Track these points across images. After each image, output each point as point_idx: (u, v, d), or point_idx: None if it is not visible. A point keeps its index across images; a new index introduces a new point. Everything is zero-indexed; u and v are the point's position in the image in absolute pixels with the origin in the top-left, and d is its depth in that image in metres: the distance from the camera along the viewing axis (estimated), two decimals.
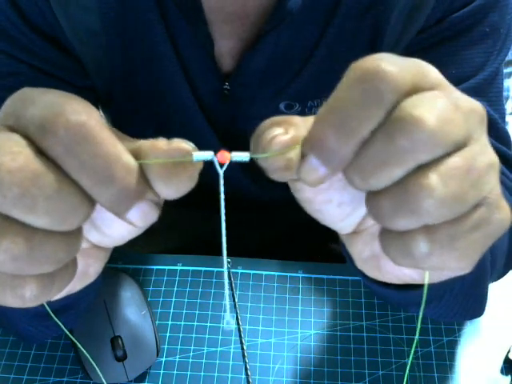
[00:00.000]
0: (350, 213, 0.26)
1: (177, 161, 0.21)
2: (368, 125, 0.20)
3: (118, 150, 0.21)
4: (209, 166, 0.22)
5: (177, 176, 0.21)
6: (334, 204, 0.26)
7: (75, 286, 0.28)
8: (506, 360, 0.46)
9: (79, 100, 0.21)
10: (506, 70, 1.24)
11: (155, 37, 0.44)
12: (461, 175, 0.20)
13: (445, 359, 0.46)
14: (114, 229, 0.25)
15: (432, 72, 0.21)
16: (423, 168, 0.20)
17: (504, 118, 0.47)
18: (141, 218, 0.21)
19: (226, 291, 0.23)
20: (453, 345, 0.47)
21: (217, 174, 0.23)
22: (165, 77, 0.46)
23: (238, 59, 0.45)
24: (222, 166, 0.22)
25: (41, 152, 0.20)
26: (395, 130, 0.19)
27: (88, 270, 0.28)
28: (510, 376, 0.45)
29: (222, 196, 0.23)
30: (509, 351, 0.46)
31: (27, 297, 0.21)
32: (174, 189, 0.21)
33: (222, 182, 0.22)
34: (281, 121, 0.22)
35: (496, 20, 0.42)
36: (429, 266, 0.21)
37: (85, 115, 0.20)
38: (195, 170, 0.21)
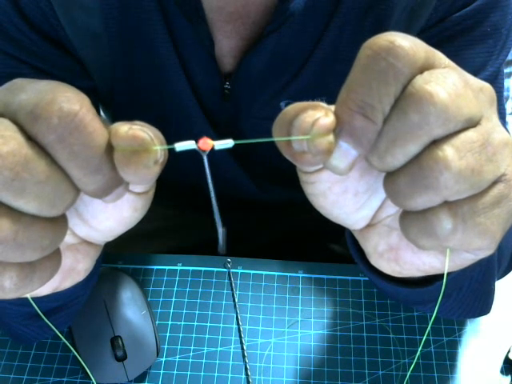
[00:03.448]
0: (366, 202, 0.26)
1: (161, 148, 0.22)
2: (388, 100, 0.20)
3: (107, 140, 0.21)
4: (209, 168, 0.23)
5: (133, 164, 0.21)
6: (349, 194, 0.26)
7: (64, 282, 0.28)
8: (506, 360, 0.46)
9: (71, 88, 0.21)
10: (506, 70, 1.24)
11: (156, 37, 0.44)
12: (476, 149, 0.20)
13: (445, 359, 0.46)
14: (100, 221, 0.26)
15: (439, 52, 0.22)
16: (438, 142, 0.20)
17: (504, 118, 0.47)
18: (114, 199, 0.22)
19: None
20: (453, 345, 0.47)
21: (218, 177, 0.23)
22: (166, 77, 0.46)
23: (239, 59, 0.45)
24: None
25: (30, 138, 0.20)
26: (408, 105, 0.20)
27: (77, 266, 0.28)
28: (510, 376, 0.45)
29: (210, 180, 0.23)
30: (509, 351, 0.46)
31: (7, 286, 0.21)
32: (132, 176, 0.21)
33: (206, 165, 0.23)
34: (312, 105, 0.22)
35: (497, 20, 0.42)
36: (453, 245, 0.21)
37: (78, 104, 0.20)
38: (149, 158, 0.21)
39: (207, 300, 0.49)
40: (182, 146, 0.22)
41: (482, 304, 0.39)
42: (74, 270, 0.28)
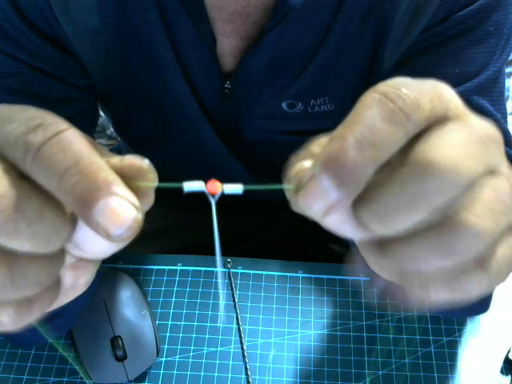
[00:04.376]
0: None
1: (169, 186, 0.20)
2: (388, 146, 0.19)
3: (91, 152, 0.19)
4: (209, 167, 0.22)
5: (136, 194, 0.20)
6: (348, 225, 0.25)
7: (66, 298, 0.28)
8: (506, 360, 0.46)
9: (56, 115, 0.20)
10: (507, 70, 1.23)
11: (154, 36, 0.43)
12: (495, 206, 0.19)
13: (445, 359, 0.46)
14: (92, 245, 0.24)
15: (447, 95, 0.20)
16: (454, 208, 0.19)
17: (506, 117, 0.47)
18: (109, 218, 0.19)
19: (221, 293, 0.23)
20: (453, 345, 0.47)
21: (218, 176, 0.22)
22: (164, 76, 0.46)
23: (240, 58, 0.45)
24: (213, 195, 0.21)
25: (21, 175, 0.19)
26: (407, 176, 0.19)
27: (77, 281, 0.28)
28: (510, 376, 0.45)
29: (215, 226, 0.22)
30: (509, 351, 0.46)
31: (5, 322, 0.21)
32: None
33: (214, 211, 0.21)
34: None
35: (499, 19, 0.42)
36: (478, 295, 0.21)
37: (65, 125, 0.20)
38: (148, 190, 0.21)
39: (207, 300, 0.49)
40: (190, 186, 0.21)
41: (480, 303, 0.39)
42: (75, 285, 0.28)
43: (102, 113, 0.59)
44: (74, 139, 0.19)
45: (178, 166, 0.57)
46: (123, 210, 0.19)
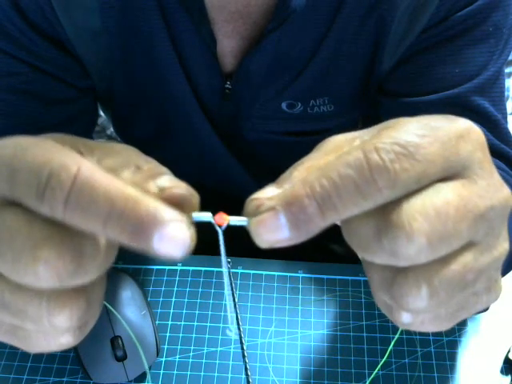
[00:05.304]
0: None
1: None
2: (351, 212, 0.19)
3: (116, 184, 0.19)
4: (210, 167, 0.22)
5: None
6: None
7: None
8: (506, 360, 0.46)
9: (63, 150, 0.19)
10: (506, 70, 1.23)
11: (155, 37, 0.44)
12: (455, 282, 0.20)
13: (445, 359, 0.46)
14: None
15: (463, 153, 0.20)
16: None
17: (506, 117, 0.47)
18: (168, 246, 0.19)
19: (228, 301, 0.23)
20: (453, 345, 0.47)
21: (218, 176, 0.22)
22: (165, 76, 0.46)
23: (241, 58, 0.45)
24: (220, 227, 0.22)
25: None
26: (385, 236, 0.19)
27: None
28: (510, 376, 0.45)
29: (224, 255, 0.22)
30: (509, 351, 0.46)
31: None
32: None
33: (221, 241, 0.22)
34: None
35: (499, 19, 0.42)
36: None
37: (72, 162, 0.19)
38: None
39: (207, 300, 0.49)
40: (198, 216, 0.21)
41: None
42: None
43: (101, 113, 0.59)
44: (93, 176, 0.19)
45: (178, 166, 0.57)
46: (178, 234, 0.19)
